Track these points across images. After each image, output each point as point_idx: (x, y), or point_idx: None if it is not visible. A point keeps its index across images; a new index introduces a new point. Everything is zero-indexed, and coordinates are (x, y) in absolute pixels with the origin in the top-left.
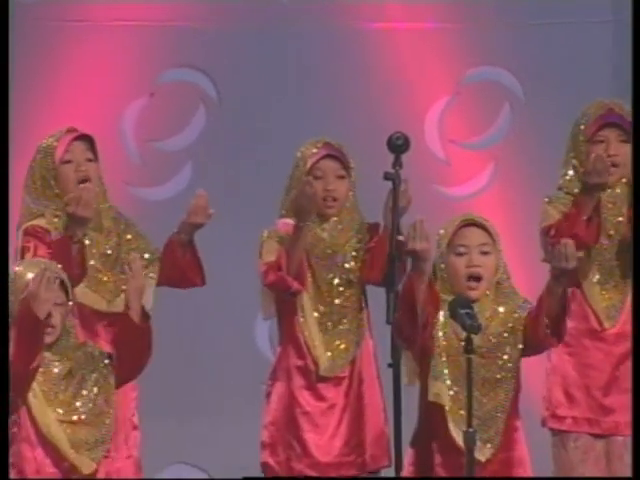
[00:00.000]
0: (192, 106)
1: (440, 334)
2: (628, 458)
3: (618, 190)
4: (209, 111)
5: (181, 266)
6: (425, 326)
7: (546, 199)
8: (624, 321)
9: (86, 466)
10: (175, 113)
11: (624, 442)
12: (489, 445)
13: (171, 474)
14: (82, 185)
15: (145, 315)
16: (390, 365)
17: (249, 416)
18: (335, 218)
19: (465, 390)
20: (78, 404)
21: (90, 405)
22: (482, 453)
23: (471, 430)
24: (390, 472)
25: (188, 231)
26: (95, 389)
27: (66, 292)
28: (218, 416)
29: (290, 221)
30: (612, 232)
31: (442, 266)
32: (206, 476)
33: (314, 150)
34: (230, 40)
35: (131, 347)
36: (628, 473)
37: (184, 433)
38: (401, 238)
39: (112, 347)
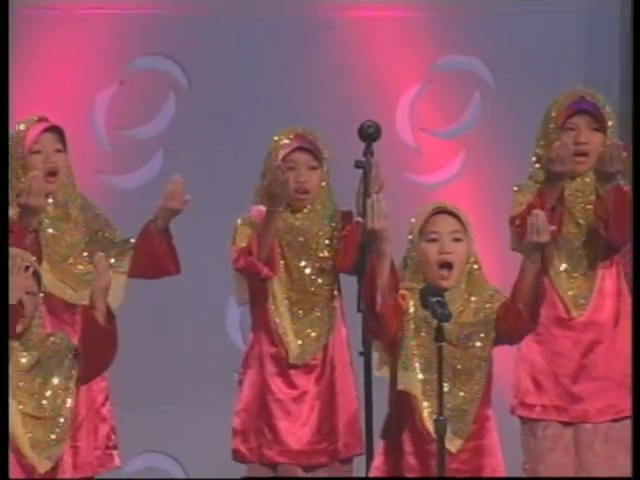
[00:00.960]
0: (162, 94)
1: (411, 324)
2: (598, 446)
3: (587, 179)
4: (179, 99)
5: (157, 254)
6: (385, 315)
7: (515, 188)
8: (593, 309)
9: (42, 465)
10: (145, 101)
11: (594, 430)
12: (459, 436)
13: (143, 463)
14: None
15: (110, 315)
16: (361, 353)
17: (221, 404)
18: (308, 207)
19: (436, 378)
20: (44, 402)
21: (54, 401)
22: (452, 444)
23: (442, 418)
24: (362, 460)
25: (165, 217)
26: (59, 384)
27: (38, 283)
28: (189, 404)
29: (263, 208)
30: (581, 220)
31: (413, 254)
32: (177, 464)
33: (286, 141)
34: (200, 28)
35: (95, 346)
36: (599, 462)
37: (155, 421)
38: (360, 220)
39: (77, 343)
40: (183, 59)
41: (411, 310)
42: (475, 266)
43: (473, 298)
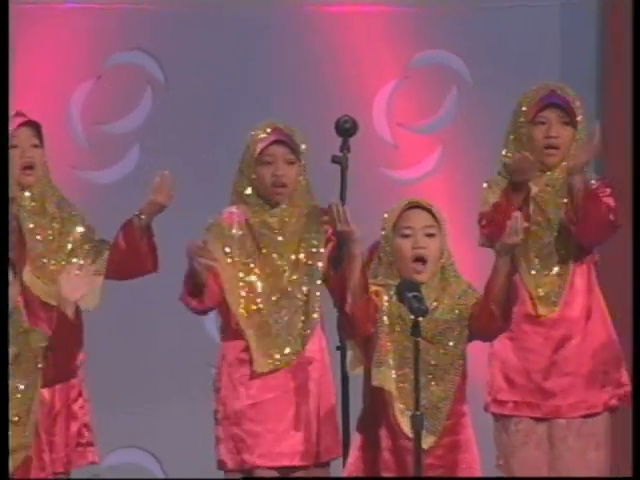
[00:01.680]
0: (139, 89)
1: (385, 320)
2: (572, 441)
3: (557, 173)
4: (156, 94)
5: (138, 250)
6: (355, 315)
7: (485, 184)
8: (564, 305)
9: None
10: (122, 96)
11: (567, 425)
12: (431, 433)
13: (120, 459)
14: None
15: (78, 311)
16: (338, 348)
17: (199, 400)
18: (286, 204)
19: (412, 373)
20: (13, 403)
21: (23, 403)
22: (425, 441)
23: (418, 414)
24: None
25: (150, 212)
26: (27, 384)
27: (14, 274)
28: (168, 400)
29: (236, 210)
30: (551, 216)
31: (387, 249)
32: (155, 460)
33: (263, 135)
34: (177, 23)
35: (64, 343)
36: (572, 456)
37: (133, 417)
38: (326, 218)
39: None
40: (160, 54)
41: (385, 306)
42: (448, 261)
43: (446, 294)
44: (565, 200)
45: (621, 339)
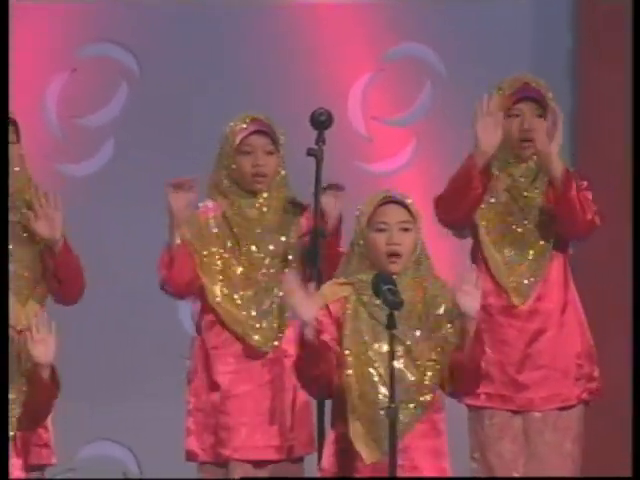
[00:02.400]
0: (114, 82)
1: (349, 325)
2: (548, 434)
3: (532, 164)
4: (131, 87)
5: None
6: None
7: None
8: (538, 297)
9: None
10: (97, 89)
11: (542, 418)
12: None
13: (94, 451)
14: None
15: (54, 373)
16: None
17: (173, 392)
18: (264, 195)
19: (388, 365)
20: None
21: None
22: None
23: (393, 406)
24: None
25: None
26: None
27: None
28: (142, 393)
29: (211, 204)
30: (525, 207)
31: (361, 242)
32: (129, 453)
33: (243, 125)
34: (152, 15)
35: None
36: (548, 450)
37: (107, 410)
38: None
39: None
40: (135, 47)
41: (350, 309)
42: (423, 257)
43: (422, 289)
44: (537, 189)
45: (621, 339)
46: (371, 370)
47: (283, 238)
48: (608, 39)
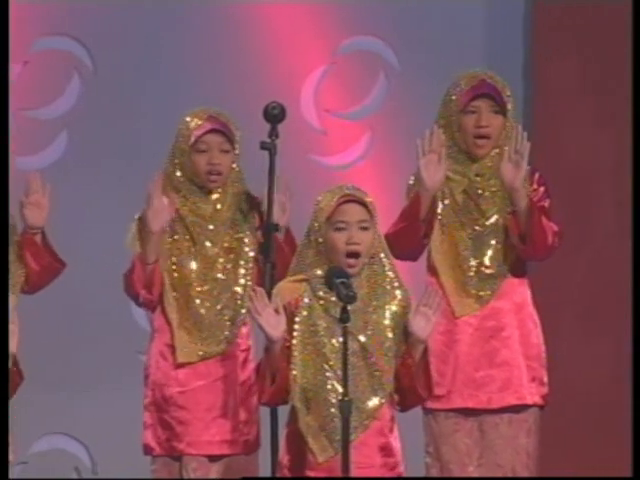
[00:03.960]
0: (67, 74)
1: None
2: (504, 428)
3: (488, 162)
4: (84, 80)
5: (44, 252)
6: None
7: (411, 180)
8: (497, 297)
9: None
10: (49, 81)
11: (497, 412)
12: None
13: (47, 445)
14: None
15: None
16: None
17: (127, 386)
18: (219, 191)
19: (341, 360)
20: None
21: None
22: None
23: (347, 399)
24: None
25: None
26: None
27: None
28: (95, 386)
29: (165, 201)
30: (483, 206)
31: (320, 240)
32: (82, 446)
33: (199, 122)
34: (105, 8)
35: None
36: (503, 443)
37: (59, 403)
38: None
39: None
40: (87, 40)
41: (304, 313)
42: (381, 253)
43: (376, 287)
44: (494, 187)
45: (621, 338)
46: (325, 366)
47: (238, 235)
48: (561, 33)
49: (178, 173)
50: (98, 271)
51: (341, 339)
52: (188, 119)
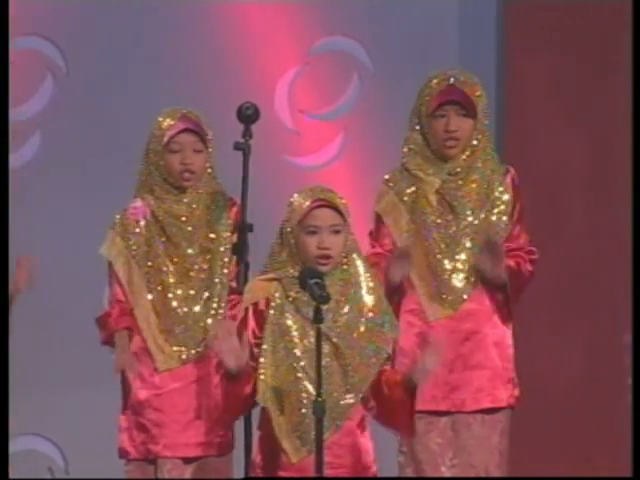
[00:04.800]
0: (40, 75)
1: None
2: (476, 428)
3: (462, 162)
4: (57, 80)
5: None
6: None
7: (384, 180)
8: (472, 299)
9: None
10: (22, 82)
11: (471, 412)
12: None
13: (20, 445)
14: None
15: None
16: None
17: (101, 387)
18: (193, 191)
19: (315, 360)
20: None
21: None
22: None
23: (320, 400)
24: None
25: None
26: None
27: None
28: (68, 387)
29: (140, 203)
30: (457, 208)
31: (292, 241)
32: (55, 447)
33: (172, 123)
34: (78, 9)
35: None
36: (476, 442)
37: (33, 404)
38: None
39: None
40: (60, 40)
41: (275, 313)
42: (354, 255)
43: (350, 291)
44: (466, 187)
45: (590, 337)
46: (296, 366)
47: (212, 234)
48: (533, 33)
49: (152, 174)
50: (72, 268)
51: (312, 339)
52: (160, 119)
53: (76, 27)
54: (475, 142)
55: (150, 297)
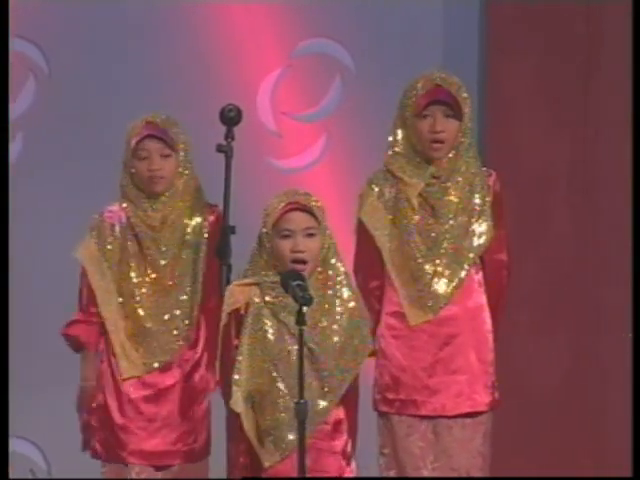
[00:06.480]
0: (22, 77)
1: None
2: (457, 431)
3: (445, 165)
4: (39, 82)
5: None
6: None
7: (366, 183)
8: (452, 303)
9: None
10: None
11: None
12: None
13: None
14: None
15: None
16: None
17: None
18: (167, 196)
19: (293, 364)
20: None
21: None
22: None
23: (302, 402)
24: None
25: None
26: None
27: None
28: (50, 388)
29: (117, 207)
30: (440, 210)
31: (268, 245)
32: (37, 449)
33: (137, 129)
34: (60, 10)
35: None
36: (457, 445)
37: (13, 406)
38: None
39: None
40: (42, 42)
41: (253, 317)
42: (333, 259)
43: (329, 293)
44: (450, 189)
45: (574, 338)
46: (272, 369)
47: (185, 244)
48: (516, 34)
49: (128, 180)
50: (51, 271)
51: (289, 344)
52: (130, 126)
53: (58, 29)
54: (459, 145)
55: (120, 301)
